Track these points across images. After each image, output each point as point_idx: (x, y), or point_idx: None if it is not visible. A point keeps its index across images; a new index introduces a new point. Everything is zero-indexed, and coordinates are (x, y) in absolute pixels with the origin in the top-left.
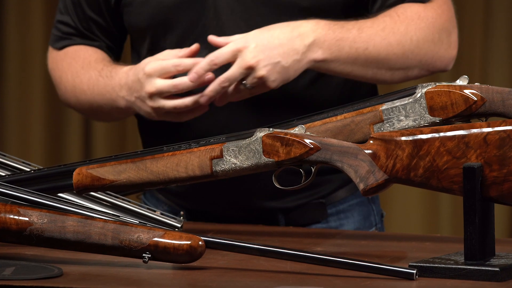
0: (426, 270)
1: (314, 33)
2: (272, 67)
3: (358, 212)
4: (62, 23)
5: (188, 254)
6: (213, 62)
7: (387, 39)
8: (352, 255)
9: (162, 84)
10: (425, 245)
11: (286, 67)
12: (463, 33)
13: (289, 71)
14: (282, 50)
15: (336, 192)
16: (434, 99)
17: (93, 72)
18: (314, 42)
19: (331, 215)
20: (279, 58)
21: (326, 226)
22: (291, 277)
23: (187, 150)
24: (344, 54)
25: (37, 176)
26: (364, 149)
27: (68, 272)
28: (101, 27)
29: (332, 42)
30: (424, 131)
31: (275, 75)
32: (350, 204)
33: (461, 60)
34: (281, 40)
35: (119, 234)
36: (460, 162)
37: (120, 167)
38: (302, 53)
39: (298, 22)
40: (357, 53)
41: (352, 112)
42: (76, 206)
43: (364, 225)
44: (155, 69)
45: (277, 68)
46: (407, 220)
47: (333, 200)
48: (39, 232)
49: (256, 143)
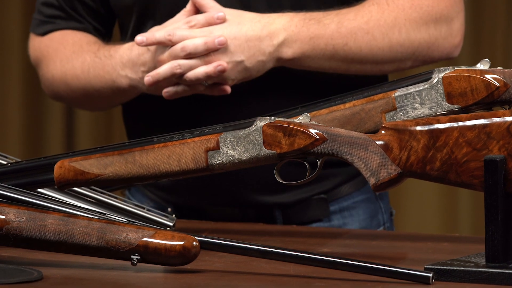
0: (444, 274)
1: (286, 31)
2: (233, 65)
3: (364, 210)
4: (45, 5)
5: (181, 255)
6: (184, 49)
7: (370, 32)
8: (361, 256)
9: (176, 47)
10: (442, 245)
11: (248, 67)
12: (484, 15)
13: (251, 71)
14: (248, 49)
15: (339, 187)
16: (453, 84)
17: (88, 54)
18: (284, 41)
19: (333, 212)
20: (242, 56)
21: (328, 225)
22: (294, 281)
23: (180, 141)
24: (318, 51)
25: (14, 169)
26: (375, 140)
27: (49, 275)
28: (87, 6)
29: (305, 40)
30: (441, 120)
31: (235, 74)
32: (355, 201)
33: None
34: (249, 37)
35: (105, 233)
36: (481, 154)
37: (106, 159)
38: (268, 53)
39: (271, 17)
40: (334, 50)
41: (362, 99)
42: (58, 202)
43: (370, 224)
44: (167, 32)
45: (238, 67)
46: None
47: (336, 196)
48: (17, 232)
49: (256, 134)
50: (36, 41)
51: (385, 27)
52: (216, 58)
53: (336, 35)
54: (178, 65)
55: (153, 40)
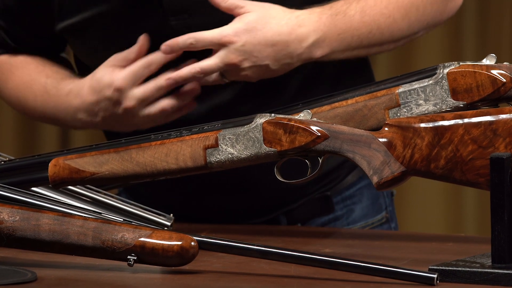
0: (449, 274)
1: (316, 32)
2: (257, 69)
3: (366, 196)
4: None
5: (179, 256)
6: (191, 45)
7: (391, 16)
8: (364, 257)
9: (143, 92)
10: (447, 246)
11: (273, 70)
12: (490, 9)
13: (277, 72)
14: (274, 53)
15: (343, 180)
16: (458, 80)
17: (37, 88)
18: (314, 43)
19: (336, 203)
20: (267, 61)
21: (332, 216)
22: (295, 282)
23: (178, 138)
24: (345, 44)
25: (7, 167)
26: (378, 137)
27: (43, 276)
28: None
29: (334, 37)
30: (446, 117)
31: (259, 75)
32: (358, 188)
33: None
34: (275, 41)
35: (101, 233)
36: (487, 152)
37: (102, 157)
38: (296, 55)
39: (299, 18)
40: (360, 40)
41: (364, 95)
42: (52, 202)
43: (372, 210)
44: (127, 80)
45: (262, 69)
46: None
47: (339, 188)
48: (10, 231)
49: (256, 131)
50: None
51: (404, 7)
52: (240, 63)
53: (360, 25)
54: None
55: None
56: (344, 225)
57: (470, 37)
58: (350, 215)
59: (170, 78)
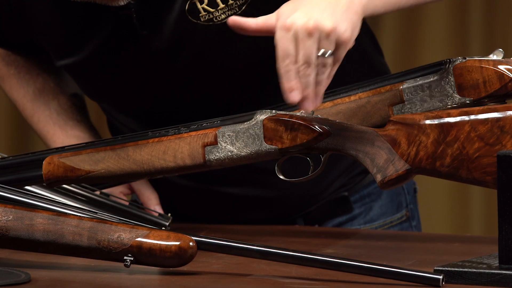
0: (454, 276)
1: None
2: (352, 26)
3: (385, 193)
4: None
5: (177, 256)
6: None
7: None
8: (368, 258)
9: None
10: (453, 246)
11: (357, 25)
12: (497, 3)
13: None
14: (349, 9)
15: (361, 181)
16: (464, 76)
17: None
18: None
19: (354, 202)
20: (350, 15)
21: (349, 216)
22: (296, 284)
23: (176, 135)
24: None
25: (0, 166)
26: (382, 135)
27: (37, 277)
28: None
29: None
30: (452, 114)
31: (355, 34)
32: (377, 186)
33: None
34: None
35: (97, 233)
36: (494, 149)
37: (97, 155)
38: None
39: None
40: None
41: (368, 91)
42: (47, 201)
43: (391, 208)
44: None
45: (355, 26)
46: (432, 218)
47: (358, 188)
48: (3, 231)
49: (256, 128)
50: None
51: None
52: (332, 27)
53: None
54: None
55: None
56: (361, 224)
57: (476, 32)
58: (367, 214)
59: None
